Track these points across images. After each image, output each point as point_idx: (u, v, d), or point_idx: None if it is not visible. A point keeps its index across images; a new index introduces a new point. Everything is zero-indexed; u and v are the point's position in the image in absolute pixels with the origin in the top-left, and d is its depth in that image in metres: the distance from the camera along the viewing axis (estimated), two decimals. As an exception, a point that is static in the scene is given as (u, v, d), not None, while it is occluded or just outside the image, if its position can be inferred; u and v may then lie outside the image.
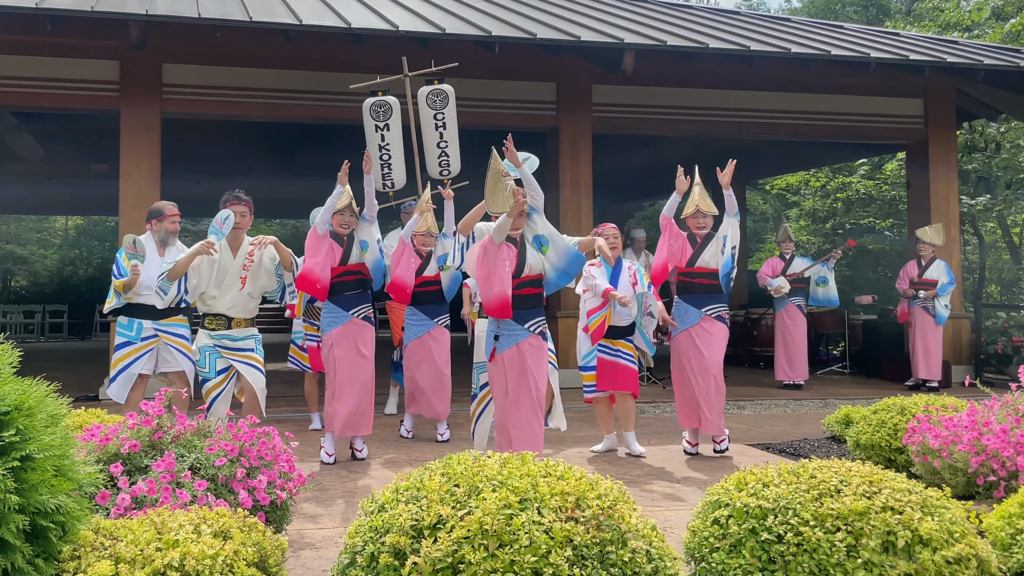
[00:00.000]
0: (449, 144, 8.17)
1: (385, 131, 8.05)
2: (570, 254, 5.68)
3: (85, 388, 10.06)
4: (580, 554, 2.71)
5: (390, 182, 8.13)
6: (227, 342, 5.96)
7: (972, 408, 5.27)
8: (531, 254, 5.65)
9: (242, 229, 6.02)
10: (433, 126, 8.16)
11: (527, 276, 5.60)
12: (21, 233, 27.23)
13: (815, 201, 19.11)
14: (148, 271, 6.39)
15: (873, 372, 12.45)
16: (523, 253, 5.65)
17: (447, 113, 8.13)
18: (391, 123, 8.04)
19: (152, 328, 6.41)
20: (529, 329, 5.56)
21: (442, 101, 8.15)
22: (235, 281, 5.97)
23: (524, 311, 5.55)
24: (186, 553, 2.86)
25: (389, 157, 8.11)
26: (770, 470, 3.48)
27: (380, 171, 7.99)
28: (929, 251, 11.18)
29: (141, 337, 6.41)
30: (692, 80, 11.55)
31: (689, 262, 6.98)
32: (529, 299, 5.60)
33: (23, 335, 21.39)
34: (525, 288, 5.59)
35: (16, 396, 2.90)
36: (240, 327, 6.00)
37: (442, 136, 8.15)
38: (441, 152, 8.16)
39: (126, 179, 10.06)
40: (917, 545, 3.04)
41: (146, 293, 6.38)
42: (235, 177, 17.39)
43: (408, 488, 2.99)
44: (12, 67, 9.97)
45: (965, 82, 12.34)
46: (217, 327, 5.93)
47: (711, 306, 6.90)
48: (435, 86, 8.14)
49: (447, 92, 8.15)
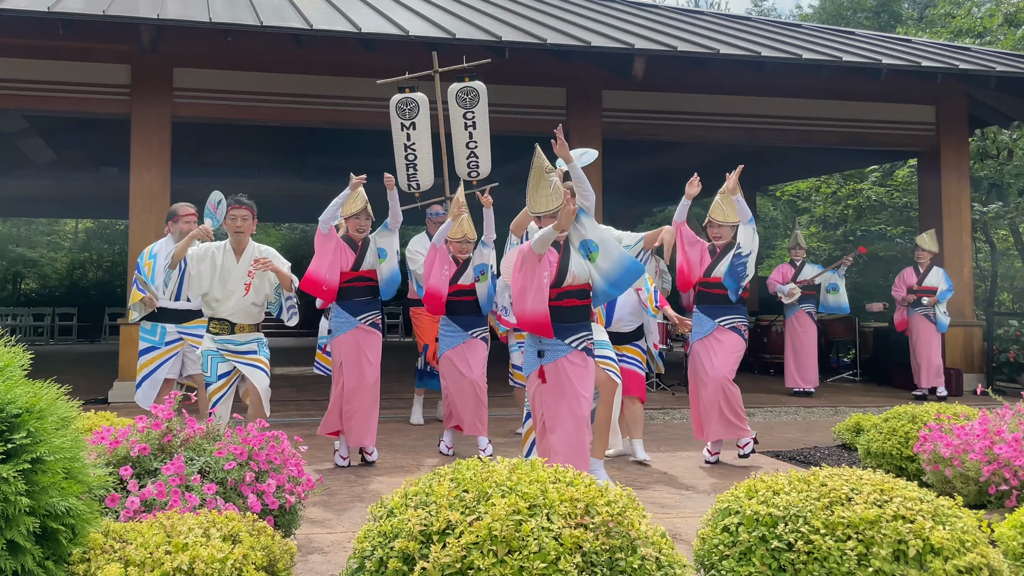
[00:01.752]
0: (479, 144, 7.87)
1: (411, 130, 7.77)
2: (623, 264, 5.02)
3: (95, 391, 10.09)
4: (589, 561, 2.70)
5: (416, 183, 7.85)
6: (230, 346, 5.88)
7: (984, 416, 5.24)
8: (576, 261, 5.03)
9: (244, 233, 5.91)
10: (463, 125, 7.86)
11: (570, 286, 5.01)
12: (31, 236, 27.36)
13: (826, 208, 19.05)
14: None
15: (884, 380, 12.40)
16: (566, 260, 5.03)
17: (478, 112, 7.83)
18: (418, 121, 7.75)
19: (176, 332, 6.49)
20: (571, 345, 4.96)
21: (472, 99, 7.91)
22: (239, 287, 5.88)
23: (565, 325, 4.96)
24: (195, 557, 2.86)
25: (415, 157, 7.83)
26: (780, 478, 3.46)
27: (406, 171, 7.75)
28: (927, 258, 11.10)
29: (165, 342, 6.50)
30: (702, 86, 11.55)
31: (706, 272, 6.82)
32: (572, 312, 5.00)
33: (33, 338, 21.47)
34: (567, 299, 5.00)
35: (27, 399, 2.91)
36: (243, 332, 5.91)
37: (471, 136, 7.86)
38: (470, 152, 7.86)
39: (136, 182, 10.10)
40: (928, 554, 3.02)
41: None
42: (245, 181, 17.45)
43: (417, 493, 2.99)
44: (24, 70, 10.02)
45: (977, 88, 12.30)
46: (221, 331, 5.87)
47: (725, 317, 6.75)
48: (466, 83, 7.95)
49: (478, 90, 7.91)
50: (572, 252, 5.03)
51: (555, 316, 4.91)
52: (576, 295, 5.02)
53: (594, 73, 11.07)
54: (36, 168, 15.88)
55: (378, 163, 9.88)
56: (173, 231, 6.64)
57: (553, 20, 11.17)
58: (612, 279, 5.01)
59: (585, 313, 5.06)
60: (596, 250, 5.02)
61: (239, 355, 5.89)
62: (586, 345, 5.01)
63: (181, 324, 6.42)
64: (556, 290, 4.96)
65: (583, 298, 5.05)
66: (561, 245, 5.04)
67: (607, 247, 5.02)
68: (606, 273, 5.01)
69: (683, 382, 11.05)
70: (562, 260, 5.01)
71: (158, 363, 6.47)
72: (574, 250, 5.04)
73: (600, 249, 5.02)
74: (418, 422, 8.63)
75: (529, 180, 5.16)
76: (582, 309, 5.04)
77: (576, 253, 5.03)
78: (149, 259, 6.66)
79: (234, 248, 5.92)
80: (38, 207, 22.82)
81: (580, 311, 5.03)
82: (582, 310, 5.04)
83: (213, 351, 5.92)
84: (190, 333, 6.46)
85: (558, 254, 5.01)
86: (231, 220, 5.87)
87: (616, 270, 5.00)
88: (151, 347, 6.49)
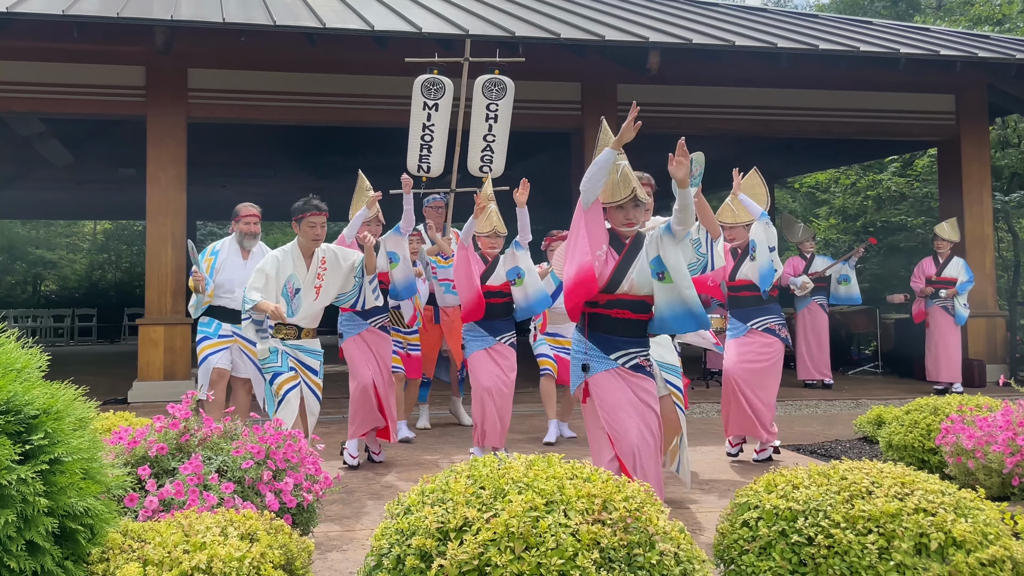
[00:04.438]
0: (497, 139, 7.81)
1: (433, 110, 7.70)
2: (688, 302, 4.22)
3: (114, 391, 10.15)
4: (607, 556, 2.68)
5: (427, 165, 7.79)
6: (299, 353, 5.60)
7: (1007, 408, 5.18)
8: (641, 270, 4.26)
9: (320, 240, 5.68)
10: (484, 116, 7.81)
11: (624, 295, 4.27)
12: (50, 238, 27.59)
13: (845, 199, 18.92)
14: (230, 274, 6.56)
15: (905, 372, 12.30)
16: (627, 264, 4.28)
17: (502, 106, 7.76)
18: (441, 103, 7.68)
19: (230, 330, 6.55)
20: (616, 361, 4.27)
21: (499, 92, 7.80)
22: (309, 291, 5.63)
23: (614, 338, 4.28)
24: (213, 555, 2.86)
25: (432, 138, 7.75)
26: (800, 471, 3.43)
27: (419, 152, 7.66)
28: (947, 247, 10.89)
29: (219, 334, 6.57)
30: (718, 78, 11.47)
31: (731, 275, 6.70)
32: (622, 324, 4.29)
33: (52, 339, 21.64)
34: (617, 309, 4.28)
35: (45, 400, 2.92)
36: (309, 337, 5.67)
37: (491, 129, 7.81)
38: (486, 146, 7.81)
39: (153, 184, 10.15)
40: (950, 547, 2.99)
41: (226, 296, 6.54)
42: (260, 181, 17.55)
43: (434, 490, 2.98)
44: (40, 74, 10.09)
45: (997, 77, 12.16)
46: (287, 336, 5.58)
47: (758, 319, 6.62)
48: (495, 75, 7.90)
49: (507, 84, 7.81)
50: (639, 259, 4.28)
51: (602, 326, 4.29)
52: (631, 307, 4.29)
53: (609, 67, 11.02)
54: (54, 171, 15.99)
55: (392, 161, 9.89)
56: (234, 230, 6.71)
57: (566, 15, 11.13)
58: (673, 315, 4.25)
59: (640, 329, 4.33)
60: (670, 281, 4.24)
61: (305, 369, 5.62)
62: (638, 362, 4.29)
63: (237, 324, 6.42)
64: (606, 296, 4.26)
65: (639, 312, 4.31)
66: (626, 246, 4.31)
67: (680, 283, 4.22)
68: (669, 305, 4.25)
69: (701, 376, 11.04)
70: (622, 263, 4.27)
71: (209, 351, 6.54)
72: (644, 257, 4.28)
73: (674, 281, 4.23)
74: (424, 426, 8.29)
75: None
76: (636, 324, 4.31)
77: (644, 261, 4.27)
78: (210, 255, 6.67)
79: (303, 252, 5.68)
80: (57, 209, 23.02)
81: (632, 325, 4.30)
82: (636, 325, 4.31)
83: (281, 350, 5.59)
84: (242, 336, 6.44)
85: (618, 256, 4.28)
86: (310, 227, 5.62)
87: (680, 310, 4.23)
88: (205, 337, 6.58)
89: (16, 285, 25.41)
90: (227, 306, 6.55)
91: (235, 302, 6.43)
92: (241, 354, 6.59)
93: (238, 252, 6.68)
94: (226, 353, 6.56)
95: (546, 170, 14.25)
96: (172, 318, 10.01)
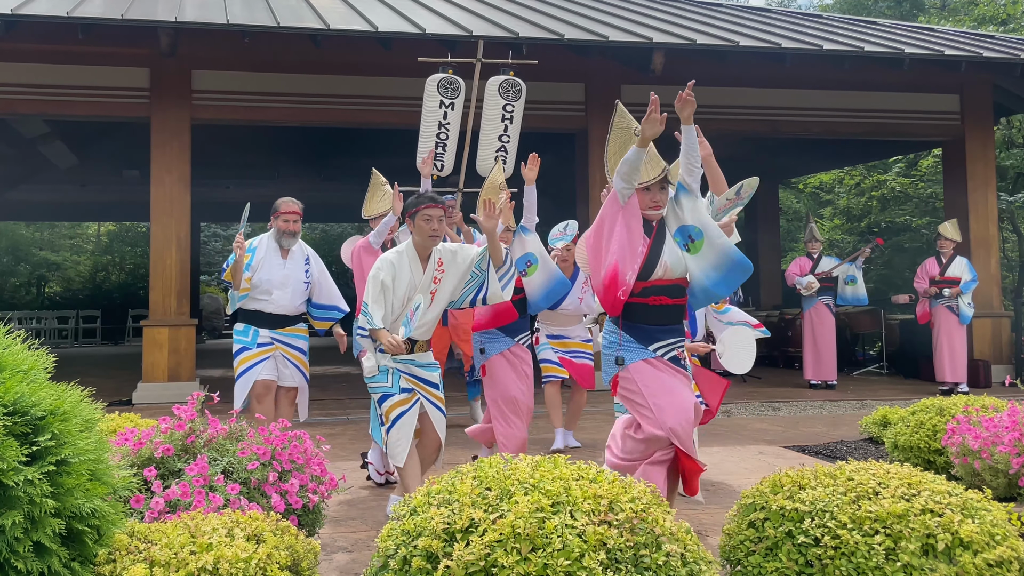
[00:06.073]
0: (511, 140, 7.83)
1: (449, 109, 7.69)
2: (730, 257, 4.02)
3: (119, 393, 10.17)
4: (614, 557, 2.68)
5: (440, 163, 7.76)
6: (414, 368, 4.90)
7: (1013, 408, 5.16)
8: (671, 251, 4.09)
9: (439, 237, 4.89)
10: (499, 116, 7.80)
11: (659, 280, 4.07)
12: (54, 240, 27.64)
13: (849, 199, 18.90)
14: (268, 273, 6.05)
15: (911, 372, 12.28)
16: (657, 249, 4.08)
17: (516, 107, 7.76)
18: (456, 103, 7.69)
19: (268, 336, 6.02)
20: (654, 352, 4.08)
21: (515, 93, 7.81)
22: (424, 299, 4.85)
23: (650, 327, 4.08)
24: (220, 557, 2.86)
25: (446, 137, 7.73)
26: (806, 472, 3.43)
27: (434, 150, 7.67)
28: (950, 247, 10.90)
29: (257, 344, 6.01)
30: (723, 79, 11.47)
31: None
32: (660, 312, 4.09)
33: (57, 340, 21.69)
34: (655, 296, 4.08)
35: (51, 401, 2.92)
36: (422, 351, 4.96)
37: (506, 129, 7.81)
38: (501, 146, 7.81)
39: (157, 185, 10.16)
40: (957, 548, 2.98)
41: (263, 298, 6.02)
42: (265, 182, 17.56)
43: (440, 492, 2.97)
44: (45, 75, 10.11)
45: (1002, 77, 12.15)
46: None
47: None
48: (511, 76, 7.90)
49: (522, 86, 7.85)
50: (667, 240, 4.09)
51: (638, 316, 4.08)
52: (667, 292, 4.09)
53: (613, 68, 11.02)
54: (58, 173, 16.03)
55: (397, 162, 9.90)
56: (272, 226, 6.19)
57: (570, 15, 11.14)
58: (715, 277, 4.03)
59: (677, 315, 4.14)
60: (700, 238, 4.01)
61: (422, 384, 4.93)
62: (675, 354, 4.10)
63: (275, 329, 6.02)
64: (641, 284, 4.05)
65: (675, 296, 4.12)
66: (653, 229, 4.10)
67: (711, 234, 4.01)
68: (708, 269, 4.04)
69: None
70: (652, 249, 4.07)
71: (249, 364, 5.97)
72: (669, 237, 4.10)
73: (705, 236, 4.00)
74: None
75: (609, 147, 4.34)
76: (673, 310, 4.11)
77: (672, 241, 4.09)
78: (247, 252, 6.07)
79: (419, 254, 4.90)
80: (61, 211, 23.07)
81: (670, 312, 4.10)
82: (673, 311, 4.11)
83: (392, 368, 4.88)
84: (284, 341, 6.04)
85: (648, 240, 4.07)
86: (425, 222, 4.82)
87: (722, 264, 4.01)
88: (243, 347, 6.01)
89: (20, 287, 25.47)
90: (263, 310, 6.03)
91: (272, 305, 6.00)
92: (285, 361, 6.09)
93: (276, 251, 6.15)
94: (269, 362, 6.01)
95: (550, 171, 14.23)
96: (177, 320, 10.02)
